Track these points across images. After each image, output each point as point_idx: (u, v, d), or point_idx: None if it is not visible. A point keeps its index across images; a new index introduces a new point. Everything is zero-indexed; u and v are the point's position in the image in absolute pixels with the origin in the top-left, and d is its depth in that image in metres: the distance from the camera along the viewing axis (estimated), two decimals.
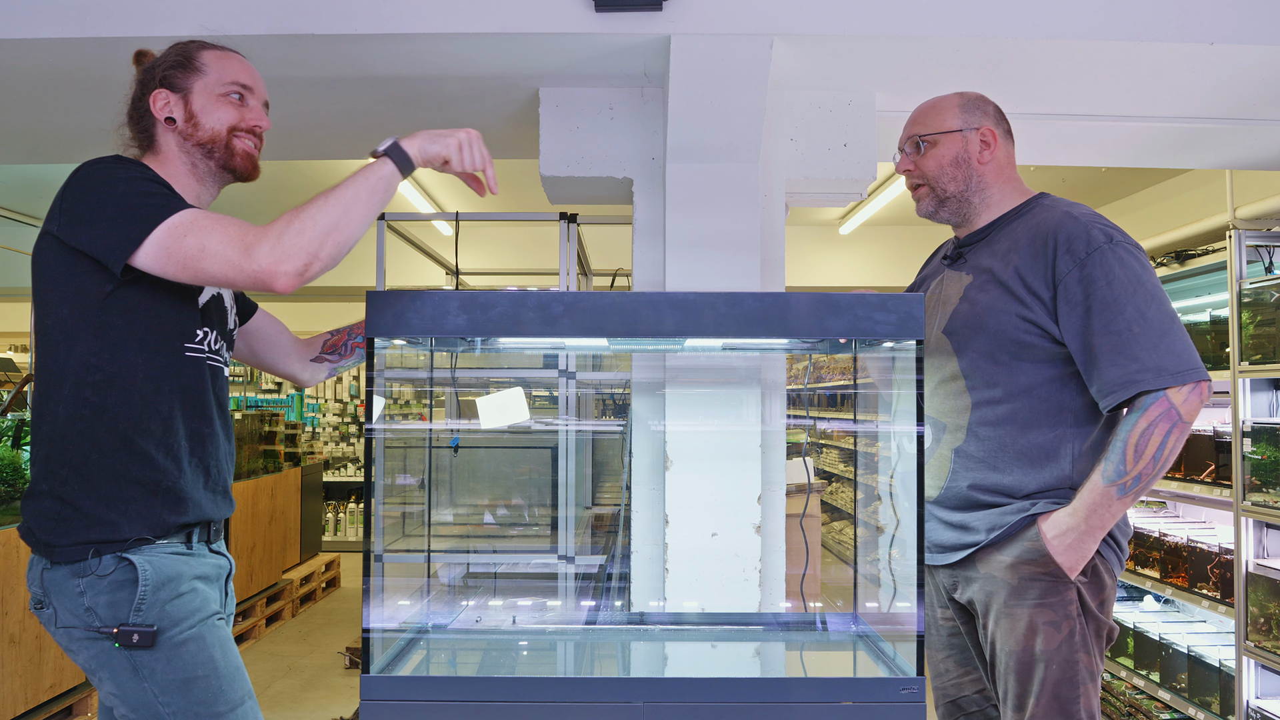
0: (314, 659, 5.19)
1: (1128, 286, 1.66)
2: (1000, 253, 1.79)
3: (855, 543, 2.43)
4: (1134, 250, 1.70)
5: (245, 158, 1.68)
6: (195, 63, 1.65)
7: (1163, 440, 1.63)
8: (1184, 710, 3.48)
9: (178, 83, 1.64)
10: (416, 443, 3.45)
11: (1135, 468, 1.64)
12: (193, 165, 1.65)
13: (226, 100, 1.65)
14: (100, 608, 1.46)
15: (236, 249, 1.42)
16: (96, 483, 1.48)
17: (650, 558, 2.60)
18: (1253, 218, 3.49)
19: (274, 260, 1.41)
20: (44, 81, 2.55)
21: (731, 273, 2.48)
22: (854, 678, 1.74)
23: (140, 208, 1.46)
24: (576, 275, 3.46)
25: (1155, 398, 1.63)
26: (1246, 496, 3.22)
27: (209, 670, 1.51)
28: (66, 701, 3.66)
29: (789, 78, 2.52)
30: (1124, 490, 1.65)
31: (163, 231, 1.44)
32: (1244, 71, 2.42)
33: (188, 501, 1.56)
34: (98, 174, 1.51)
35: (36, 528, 1.50)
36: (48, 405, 1.51)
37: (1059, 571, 1.68)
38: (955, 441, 1.80)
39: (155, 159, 1.65)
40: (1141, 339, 1.64)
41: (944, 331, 1.83)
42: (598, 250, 5.07)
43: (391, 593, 2.32)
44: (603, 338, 1.68)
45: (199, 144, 1.64)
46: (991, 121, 1.87)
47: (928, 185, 1.89)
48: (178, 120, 1.63)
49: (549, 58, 2.40)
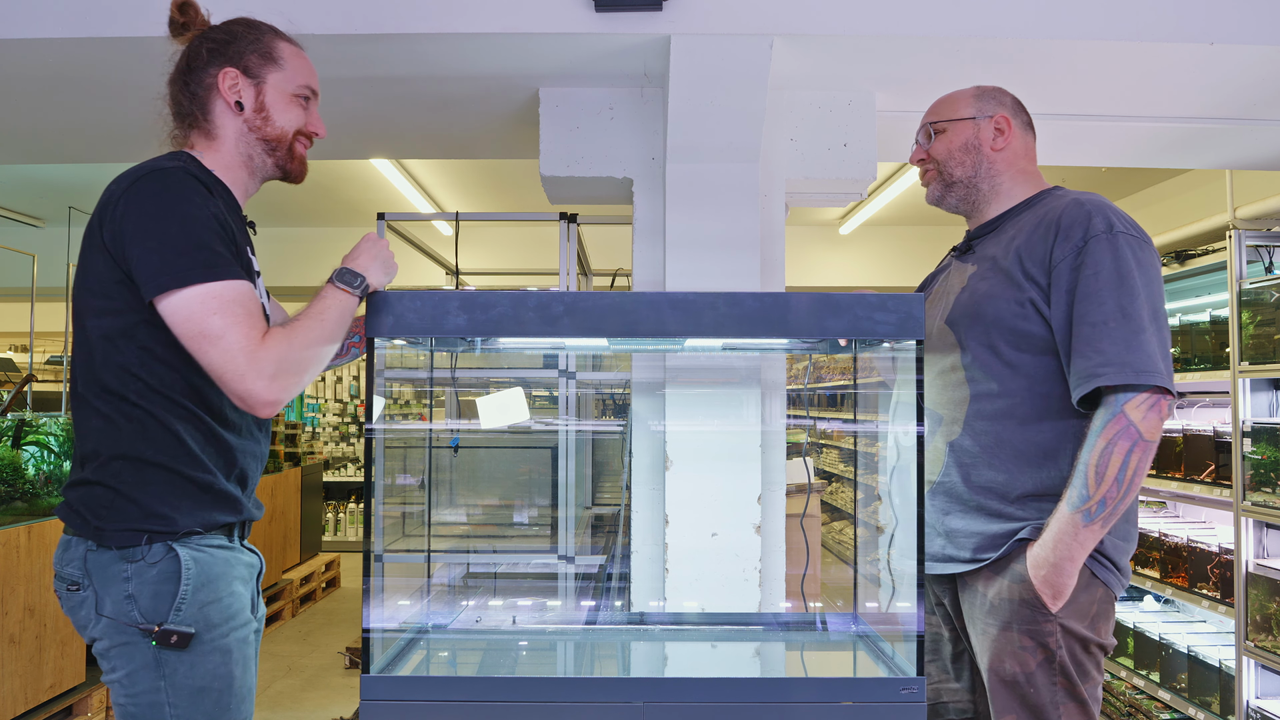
0: (314, 659, 5.19)
1: (1114, 279, 1.59)
2: (1004, 240, 1.76)
3: (855, 543, 2.43)
4: (1134, 242, 1.63)
5: (302, 163, 1.66)
6: (275, 53, 1.61)
7: (1124, 460, 1.56)
8: (1184, 710, 3.48)
9: (253, 69, 1.59)
10: (416, 443, 3.45)
11: (1099, 491, 1.56)
12: (249, 157, 1.61)
13: (297, 101, 1.62)
14: (143, 598, 1.45)
15: (247, 358, 1.39)
16: (151, 478, 1.47)
17: (650, 558, 2.60)
18: (1253, 218, 3.49)
19: (273, 391, 1.41)
20: (44, 81, 2.55)
21: (731, 273, 2.48)
22: (854, 678, 1.74)
23: (188, 254, 1.40)
24: (576, 275, 3.46)
25: (1113, 414, 1.56)
26: (1246, 496, 3.22)
27: (224, 685, 1.50)
28: (66, 701, 3.65)
29: (789, 78, 2.52)
30: (1089, 516, 1.57)
31: (198, 294, 1.39)
32: (1244, 71, 2.42)
33: (238, 502, 1.56)
34: (161, 192, 1.44)
35: (86, 512, 1.47)
36: (93, 405, 1.49)
37: (1037, 601, 1.62)
38: (951, 434, 1.76)
39: (208, 143, 1.59)
40: (1115, 333, 1.57)
41: (946, 321, 1.79)
42: (598, 250, 5.07)
43: (391, 593, 2.32)
44: (603, 338, 1.68)
45: (264, 139, 1.60)
46: (1008, 111, 1.83)
47: (936, 169, 1.87)
48: (246, 108, 1.58)
49: (549, 58, 2.40)
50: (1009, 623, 1.65)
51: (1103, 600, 1.66)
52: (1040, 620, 1.63)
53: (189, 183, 1.46)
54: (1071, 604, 1.63)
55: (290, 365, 1.42)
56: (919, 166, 1.92)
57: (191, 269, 1.40)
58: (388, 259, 1.60)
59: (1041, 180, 1.85)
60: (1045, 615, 1.62)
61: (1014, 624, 1.64)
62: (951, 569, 1.74)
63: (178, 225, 1.42)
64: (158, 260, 1.40)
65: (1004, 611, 1.66)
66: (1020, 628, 1.64)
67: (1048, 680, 1.63)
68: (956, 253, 1.90)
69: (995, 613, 1.67)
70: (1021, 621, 1.64)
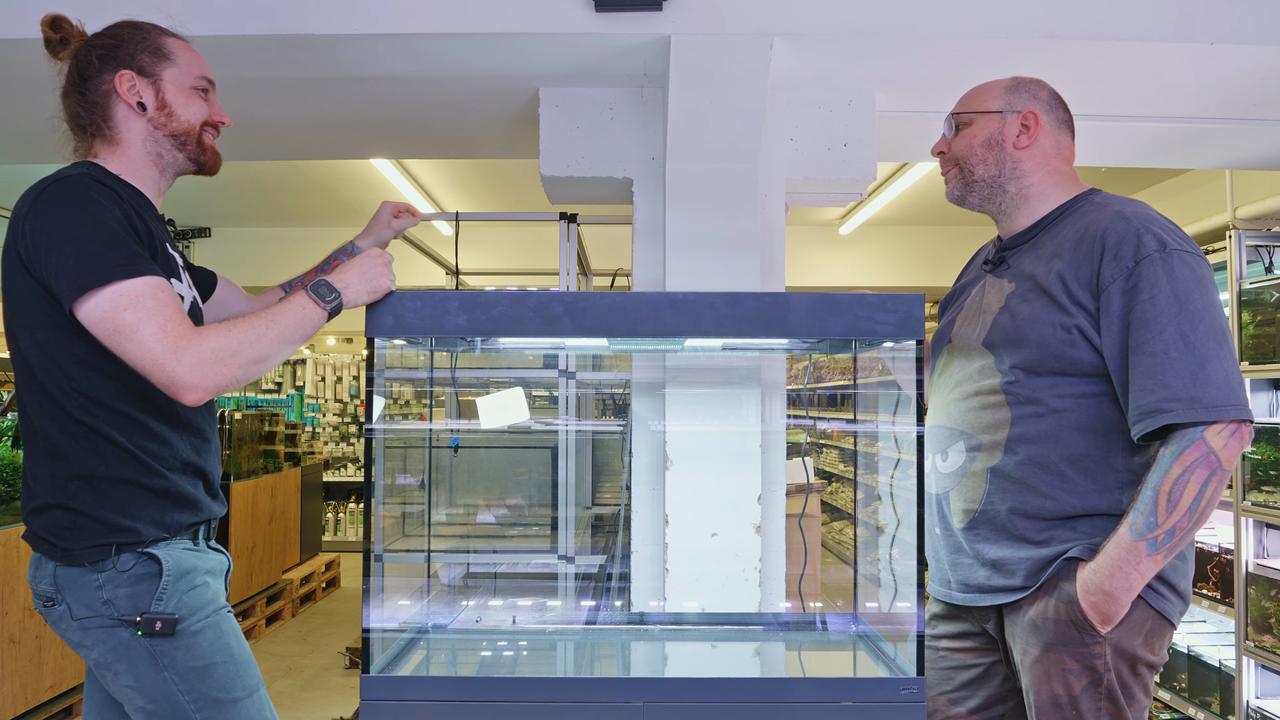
0: (314, 659, 5.18)
1: (1173, 303, 1.47)
2: (1044, 257, 1.62)
3: (855, 543, 2.43)
4: (1190, 260, 1.51)
5: (214, 154, 1.66)
6: (165, 49, 1.60)
7: (1200, 489, 1.45)
8: (1184, 710, 3.48)
9: (147, 68, 1.58)
10: (416, 443, 3.45)
11: (1169, 520, 1.45)
12: (158, 155, 1.60)
13: (196, 94, 1.62)
14: (119, 600, 1.46)
15: (165, 346, 1.38)
16: (108, 492, 1.47)
17: (650, 558, 2.60)
18: (1253, 218, 3.49)
19: (195, 376, 1.39)
20: (43, 81, 2.55)
21: (731, 273, 2.48)
22: (854, 678, 1.73)
23: (99, 256, 1.40)
24: (576, 275, 3.46)
25: (1191, 440, 1.45)
26: (1246, 496, 3.22)
27: (226, 657, 1.53)
28: (66, 701, 3.65)
29: (789, 78, 2.52)
30: (1154, 546, 1.46)
31: (108, 294, 1.39)
32: (1244, 71, 2.42)
33: (197, 503, 1.57)
34: (67, 200, 1.44)
35: (52, 537, 1.48)
36: (38, 423, 1.49)
37: (1088, 622, 1.53)
38: (991, 460, 1.64)
39: (111, 149, 1.58)
40: (1178, 364, 1.46)
41: (984, 344, 1.67)
42: (598, 250, 5.07)
43: (391, 593, 2.32)
44: (603, 338, 1.68)
45: (171, 135, 1.60)
46: (1042, 107, 1.70)
47: (957, 166, 1.74)
48: (149, 107, 1.57)
49: (549, 58, 2.40)
50: (1053, 643, 1.56)
51: (1156, 619, 1.56)
52: (1089, 642, 1.54)
53: (94, 188, 1.46)
54: (1123, 624, 1.54)
55: (221, 354, 1.41)
56: (940, 160, 1.79)
57: (111, 268, 1.39)
58: (375, 278, 1.57)
59: (1078, 182, 1.72)
60: (1094, 637, 1.53)
61: (1059, 645, 1.55)
62: (1001, 599, 1.63)
63: (89, 229, 1.41)
64: (74, 264, 1.39)
65: (1048, 631, 1.56)
66: (1066, 649, 1.55)
67: (1093, 705, 1.54)
68: (990, 266, 1.77)
69: (1039, 632, 1.57)
70: (1068, 643, 1.55)
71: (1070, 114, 1.75)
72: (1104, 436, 1.57)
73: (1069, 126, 1.74)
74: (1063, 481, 1.58)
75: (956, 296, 1.85)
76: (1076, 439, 1.57)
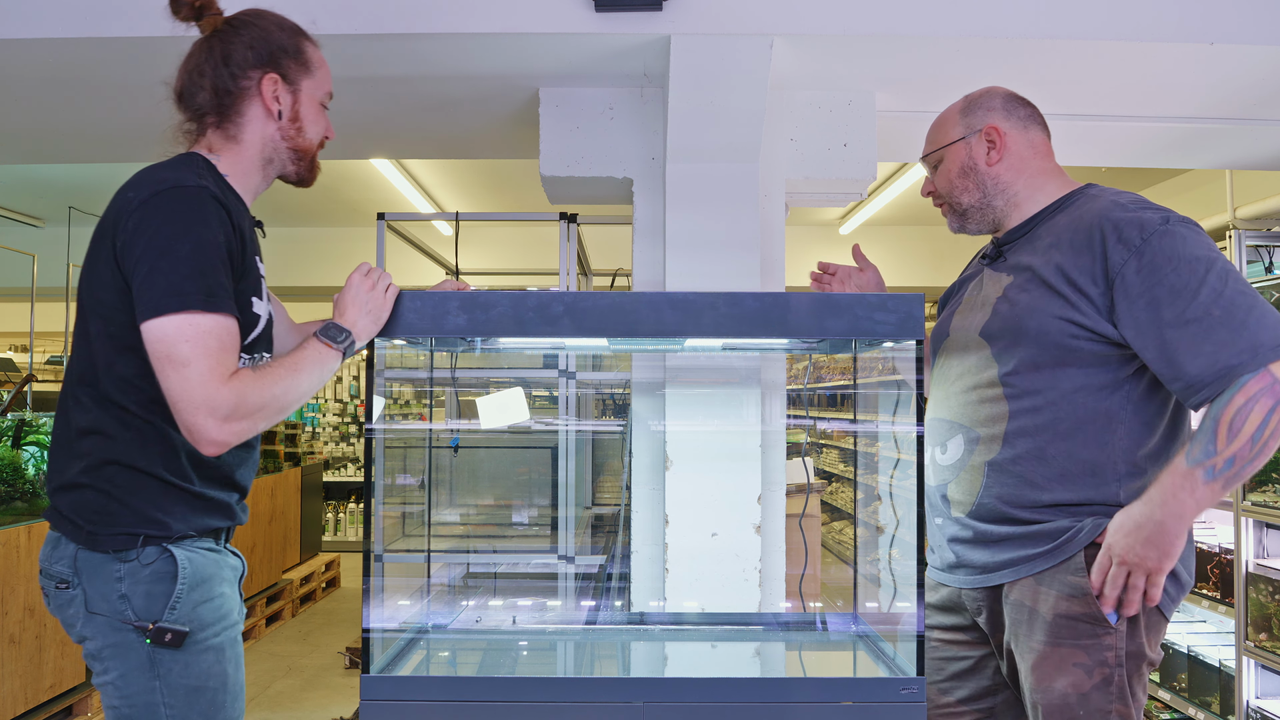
0: (314, 659, 5.19)
1: (1196, 268, 1.46)
2: (1041, 249, 1.63)
3: (855, 543, 2.43)
4: (1193, 227, 1.52)
5: (318, 170, 1.63)
6: (307, 59, 1.55)
7: (1265, 418, 1.40)
8: (1184, 710, 3.48)
9: (290, 75, 1.53)
10: (416, 443, 3.45)
11: (1229, 448, 1.41)
12: (269, 161, 1.56)
13: (323, 111, 1.58)
14: (136, 598, 1.43)
15: (204, 392, 1.35)
16: (145, 485, 1.45)
17: (650, 558, 2.60)
18: (1253, 218, 3.49)
19: (220, 432, 1.36)
20: (44, 81, 2.55)
21: (731, 273, 2.48)
22: (854, 678, 1.73)
23: (187, 280, 1.36)
24: (576, 275, 3.46)
25: (1255, 374, 1.41)
26: (1246, 496, 3.22)
27: (219, 684, 1.49)
28: (66, 701, 3.66)
29: (789, 78, 2.52)
30: (1212, 474, 1.42)
31: (179, 321, 1.35)
32: (1244, 71, 2.42)
33: (230, 509, 1.56)
34: (176, 213, 1.39)
35: (78, 517, 1.45)
36: (89, 407, 1.46)
37: (1099, 614, 1.51)
38: (989, 453, 1.64)
39: (229, 146, 1.53)
40: (1226, 321, 1.43)
41: (982, 335, 1.67)
42: (598, 250, 5.07)
43: (391, 593, 2.33)
44: (603, 338, 1.68)
45: (294, 148, 1.56)
46: (999, 116, 1.72)
47: (946, 203, 1.79)
48: (283, 116, 1.53)
49: (549, 58, 2.40)
50: (1059, 639, 1.54)
51: (1153, 613, 1.55)
52: (1100, 634, 1.52)
53: (209, 206, 1.41)
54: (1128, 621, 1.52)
55: (248, 409, 1.39)
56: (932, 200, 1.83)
57: (192, 296, 1.36)
58: (376, 306, 1.55)
59: (1064, 177, 1.73)
60: (1105, 629, 1.52)
61: (1065, 640, 1.53)
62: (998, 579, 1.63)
63: (188, 248, 1.37)
64: (161, 281, 1.36)
65: (1054, 626, 1.55)
66: (1073, 644, 1.53)
67: (1103, 703, 1.52)
68: (987, 260, 1.78)
69: (1048, 626, 1.55)
70: (1075, 637, 1.52)
71: (1032, 106, 1.76)
72: (1102, 429, 1.56)
73: (1036, 120, 1.75)
74: (1060, 474, 1.58)
75: (956, 291, 1.86)
76: (1074, 432, 1.57)
